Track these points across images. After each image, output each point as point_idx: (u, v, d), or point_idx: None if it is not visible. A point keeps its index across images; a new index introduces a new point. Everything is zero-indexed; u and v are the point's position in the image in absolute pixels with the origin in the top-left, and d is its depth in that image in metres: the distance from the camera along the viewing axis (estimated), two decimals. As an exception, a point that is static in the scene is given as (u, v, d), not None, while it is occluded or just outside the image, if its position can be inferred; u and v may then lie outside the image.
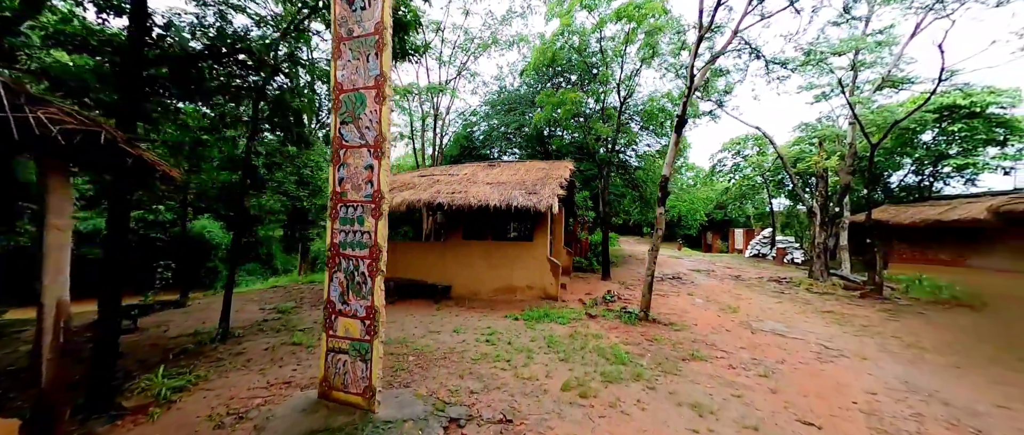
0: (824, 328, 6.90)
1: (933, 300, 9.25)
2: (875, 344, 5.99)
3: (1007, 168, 13.39)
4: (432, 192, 8.02)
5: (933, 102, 13.62)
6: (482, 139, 17.51)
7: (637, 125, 15.34)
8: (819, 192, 11.25)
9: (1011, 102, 12.93)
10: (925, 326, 7.11)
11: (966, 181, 14.63)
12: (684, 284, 11.67)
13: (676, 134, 6.61)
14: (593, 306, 7.71)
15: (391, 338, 5.29)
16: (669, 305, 8.41)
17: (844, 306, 8.91)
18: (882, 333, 6.65)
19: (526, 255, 8.15)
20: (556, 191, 7.65)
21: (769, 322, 7.22)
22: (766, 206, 20.53)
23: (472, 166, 10.20)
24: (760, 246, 19.37)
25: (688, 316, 7.44)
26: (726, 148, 17.87)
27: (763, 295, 10.08)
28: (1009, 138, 13.02)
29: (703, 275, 13.68)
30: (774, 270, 15.47)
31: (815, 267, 11.14)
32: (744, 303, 8.96)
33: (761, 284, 11.85)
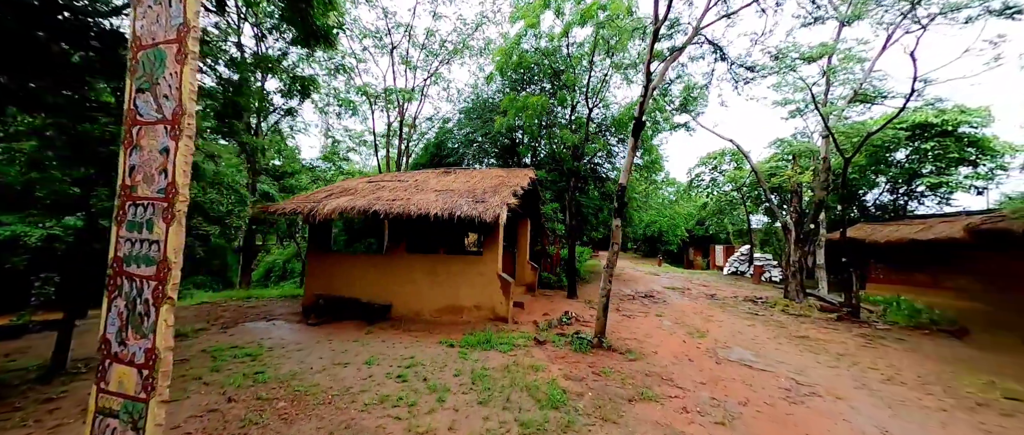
0: (797, 357, 6.21)
1: (912, 325, 8.72)
2: (851, 378, 5.31)
3: (979, 188, 13.26)
4: (370, 199, 7.18)
5: (906, 120, 13.54)
6: (455, 149, 16.82)
7: (615, 138, 14.89)
8: (793, 208, 10.79)
9: (982, 122, 12.88)
10: (904, 356, 6.49)
11: (940, 200, 14.49)
12: (655, 303, 10.97)
13: (633, 139, 5.97)
14: (545, 330, 6.89)
15: (278, 374, 4.35)
16: (632, 328, 7.65)
17: (819, 330, 8.29)
18: (859, 363, 6.00)
19: (473, 271, 7.32)
20: (507, 200, 6.89)
21: (738, 350, 6.51)
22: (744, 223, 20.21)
23: (425, 173, 9.41)
24: (738, 263, 18.94)
25: (650, 342, 6.68)
26: (703, 162, 17.56)
27: (736, 317, 9.43)
28: (980, 158, 12.91)
29: (677, 293, 13.03)
30: (751, 289, 14.94)
31: (790, 287, 10.58)
32: (714, 326, 8.27)
33: (735, 304, 11.23)
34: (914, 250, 11.36)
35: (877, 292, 12.44)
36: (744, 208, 18.71)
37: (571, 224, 10.60)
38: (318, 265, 7.78)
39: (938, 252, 10.82)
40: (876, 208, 16.44)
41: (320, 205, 7.01)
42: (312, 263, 7.83)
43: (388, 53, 14.65)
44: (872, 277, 13.75)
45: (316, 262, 7.82)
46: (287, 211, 7.14)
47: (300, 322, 7.07)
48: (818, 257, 12.66)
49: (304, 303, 7.69)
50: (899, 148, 13.95)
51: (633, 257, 34.03)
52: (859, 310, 9.20)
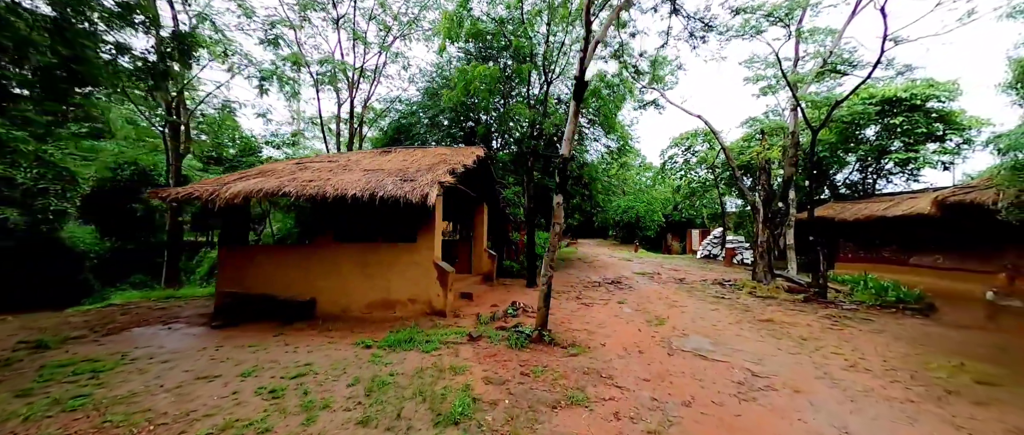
0: (757, 343, 5.67)
1: (879, 304, 8.38)
2: (812, 366, 4.77)
3: (946, 163, 13.10)
4: (282, 181, 6.23)
5: (876, 94, 13.22)
6: (420, 133, 15.74)
7: (584, 120, 14.14)
8: (762, 186, 10.31)
9: (949, 95, 12.65)
10: (870, 338, 6.04)
11: (908, 177, 14.36)
12: (621, 289, 10.42)
13: (575, 102, 5.20)
14: (485, 324, 6.17)
15: (109, 396, 3.47)
16: (587, 318, 7.01)
17: (785, 312, 7.85)
18: (822, 348, 5.50)
19: (406, 260, 6.50)
20: (441, 178, 6.06)
21: (695, 338, 5.93)
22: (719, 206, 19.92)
23: (362, 153, 8.47)
24: (711, 247, 18.68)
25: (600, 333, 6.04)
26: (676, 143, 17.04)
27: (701, 301, 8.93)
28: (948, 133, 12.71)
29: (646, 279, 12.55)
30: (721, 271, 14.62)
31: (758, 268, 10.17)
32: (676, 312, 7.72)
33: (703, 288, 10.78)
34: (882, 227, 11.11)
35: (846, 271, 12.23)
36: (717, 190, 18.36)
37: (529, 207, 9.85)
38: (230, 259, 6.82)
39: (906, 229, 10.58)
40: (846, 187, 16.30)
41: (223, 189, 6.02)
42: (223, 257, 6.86)
43: (334, 26, 13.36)
44: (841, 256, 13.57)
45: (228, 256, 6.85)
46: (180, 197, 6.12)
47: (205, 325, 6.13)
48: (788, 237, 12.32)
49: (216, 303, 6.74)
50: (869, 124, 13.66)
51: (612, 243, 33.78)
52: (826, 290, 8.83)
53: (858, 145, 14.37)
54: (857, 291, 9.45)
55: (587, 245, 33.65)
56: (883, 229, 11.23)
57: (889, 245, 11.72)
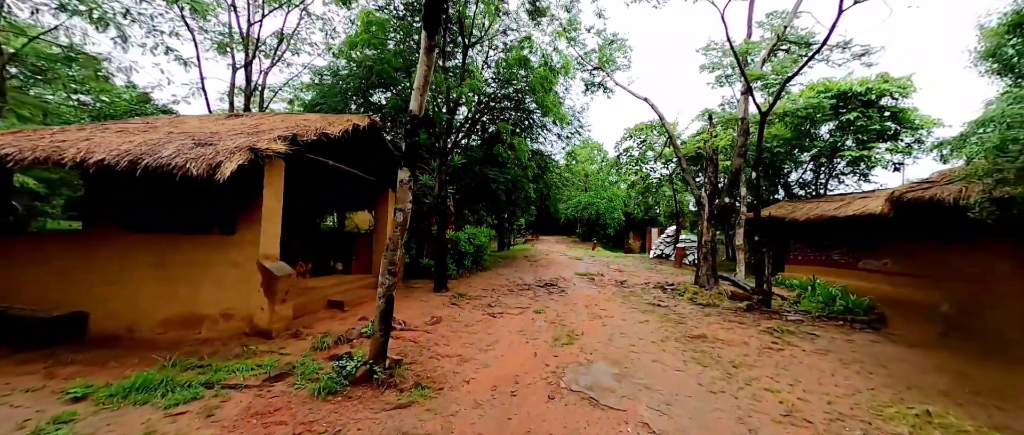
0: (675, 375, 4.34)
1: (826, 314, 7.39)
2: (737, 413, 3.46)
3: (897, 163, 12.58)
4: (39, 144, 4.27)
5: (831, 87, 12.48)
6: (335, 104, 13.54)
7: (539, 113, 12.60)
8: (708, 179, 9.18)
9: (903, 92, 12.07)
10: (814, 363, 4.87)
11: (859, 177, 13.83)
12: (550, 294, 9.02)
13: (427, 38, 3.60)
14: (324, 348, 4.51)
15: None
16: (478, 337, 5.49)
17: (723, 325, 6.67)
18: (755, 380, 4.24)
19: (221, 260, 4.72)
20: (258, 145, 4.30)
21: (599, 366, 4.54)
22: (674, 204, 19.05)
23: (206, 117, 6.54)
24: (664, 246, 17.79)
25: (478, 361, 4.53)
26: (631, 135, 15.89)
27: (633, 310, 7.66)
28: (901, 131, 12.16)
29: (586, 281, 11.26)
30: (669, 273, 13.61)
31: (701, 271, 9.05)
32: (597, 326, 6.36)
33: (643, 292, 9.57)
34: (833, 228, 10.30)
35: (796, 273, 11.44)
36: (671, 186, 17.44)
37: (440, 195, 8.20)
38: (-36, 253, 4.77)
39: (857, 230, 9.78)
40: (800, 187, 15.74)
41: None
42: (-50, 250, 4.79)
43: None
44: (791, 258, 12.84)
45: (-40, 248, 4.80)
46: None
47: None
48: (738, 237, 11.37)
49: (-62, 316, 4.67)
50: (824, 120, 12.96)
51: (573, 241, 32.79)
52: (770, 298, 7.77)
53: (812, 142, 13.70)
54: (804, 298, 8.50)
55: (547, 242, 32.50)
56: (834, 230, 10.45)
57: (839, 247, 10.98)
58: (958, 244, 6.87)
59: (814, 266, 11.55)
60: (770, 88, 7.72)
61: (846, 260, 10.65)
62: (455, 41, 9.05)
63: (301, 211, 9.12)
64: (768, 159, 14.06)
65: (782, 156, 14.30)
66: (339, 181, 7.85)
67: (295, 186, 7.24)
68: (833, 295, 7.80)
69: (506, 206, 16.08)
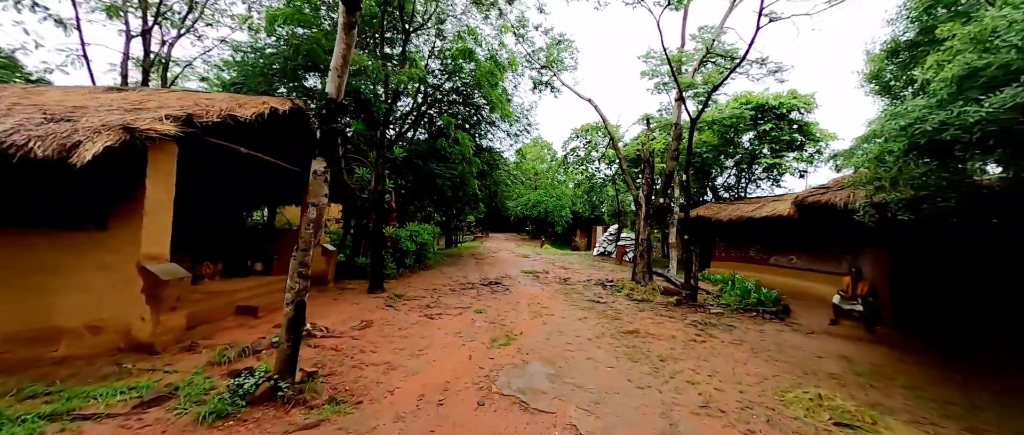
0: (607, 372, 4.41)
1: (742, 307, 8.09)
2: (661, 408, 3.56)
3: (802, 171, 14.22)
4: None
5: (752, 100, 13.77)
6: (256, 86, 12.05)
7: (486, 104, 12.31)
8: (644, 180, 9.64)
9: (807, 108, 13.67)
10: (730, 353, 5.24)
11: (772, 182, 15.44)
12: (494, 293, 8.89)
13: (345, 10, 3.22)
14: (223, 364, 3.92)
15: None
16: (410, 341, 5.17)
17: (655, 319, 7.00)
18: (679, 373, 4.44)
19: (87, 262, 3.91)
20: (135, 124, 3.59)
21: (535, 367, 4.47)
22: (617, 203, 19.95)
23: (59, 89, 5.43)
24: (606, 244, 18.58)
25: (407, 368, 4.23)
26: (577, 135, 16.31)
27: (573, 307, 7.78)
28: (805, 143, 13.76)
29: (531, 279, 11.31)
30: (610, 269, 14.20)
31: (638, 268, 9.48)
32: (536, 325, 6.34)
33: (584, 289, 9.82)
34: (750, 228, 11.36)
35: (720, 269, 12.49)
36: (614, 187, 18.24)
37: (377, 189, 7.67)
38: None
39: (770, 229, 10.88)
40: (725, 190, 17.25)
41: None
42: None
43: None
44: (717, 255, 14.02)
45: None
46: None
47: None
48: (671, 235, 12.11)
49: None
50: (745, 130, 14.28)
51: (523, 238, 33.13)
52: (697, 292, 8.35)
53: (736, 149, 15.04)
54: (725, 292, 9.25)
55: (497, 239, 32.50)
56: (751, 230, 11.57)
57: (755, 245, 12.19)
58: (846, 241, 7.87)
59: (735, 262, 12.70)
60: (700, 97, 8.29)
61: (760, 257, 11.83)
62: (396, 27, 8.50)
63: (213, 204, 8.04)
64: (698, 163, 15.20)
65: (710, 161, 15.54)
66: (262, 172, 7.00)
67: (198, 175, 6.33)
68: (749, 289, 8.58)
69: (453, 203, 15.67)
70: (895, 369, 4.98)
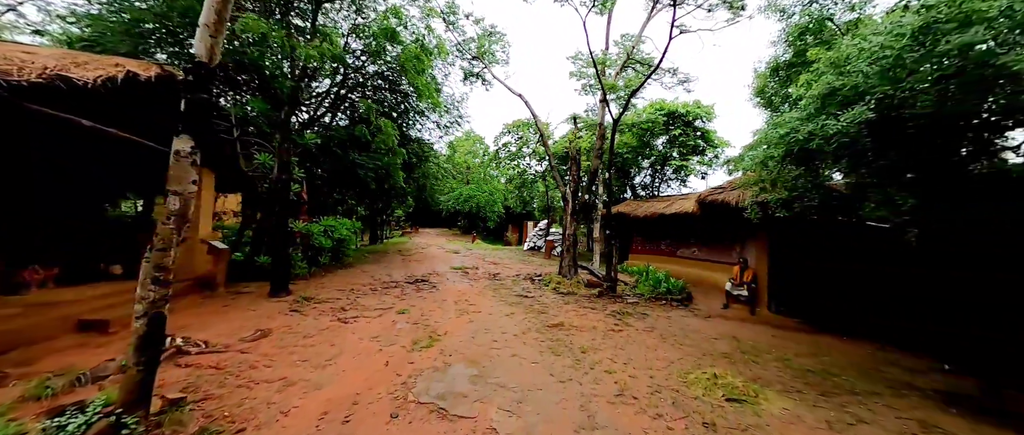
0: (531, 368, 4.39)
1: (655, 296, 8.83)
2: (580, 400, 3.61)
3: (704, 173, 16.03)
4: None
5: (665, 107, 15.09)
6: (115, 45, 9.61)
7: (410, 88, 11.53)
8: (571, 177, 9.98)
9: (708, 116, 15.43)
10: (643, 340, 5.61)
11: (681, 183, 17.18)
12: (419, 291, 8.45)
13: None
14: (28, 402, 3.01)
15: None
16: (316, 349, 4.59)
17: (578, 312, 7.26)
18: (598, 364, 4.60)
19: None
20: None
21: (457, 368, 4.27)
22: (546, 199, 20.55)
23: None
24: (536, 239, 19.07)
25: (304, 384, 3.72)
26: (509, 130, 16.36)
27: (501, 303, 7.73)
28: (706, 147, 15.53)
29: (460, 275, 11.05)
30: (539, 264, 14.57)
31: (564, 262, 9.80)
32: (462, 323, 6.13)
33: (513, 284, 9.87)
34: (662, 223, 12.46)
35: (636, 261, 13.54)
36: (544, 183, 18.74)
37: (279, 178, 6.71)
38: None
39: (677, 225, 12.04)
40: (642, 188, 18.79)
41: None
42: None
43: None
44: (635, 249, 15.20)
45: None
46: None
47: None
48: (595, 230, 12.77)
49: None
50: (659, 134, 15.64)
51: (454, 233, 32.53)
52: (616, 284, 8.90)
53: (651, 151, 16.42)
54: (640, 283, 10.02)
55: (427, 234, 31.46)
56: (662, 225, 12.72)
57: (666, 239, 13.46)
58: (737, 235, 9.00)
59: (650, 255, 13.87)
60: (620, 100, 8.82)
61: (670, 249, 13.07)
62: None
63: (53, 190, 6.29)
64: (620, 163, 16.29)
65: (630, 161, 16.75)
66: (129, 154, 5.64)
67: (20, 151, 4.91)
68: (659, 279, 9.39)
69: (378, 196, 14.62)
70: (770, 345, 5.80)
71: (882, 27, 3.70)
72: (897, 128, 3.80)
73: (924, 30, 3.24)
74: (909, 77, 3.46)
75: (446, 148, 18.94)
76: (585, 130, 11.40)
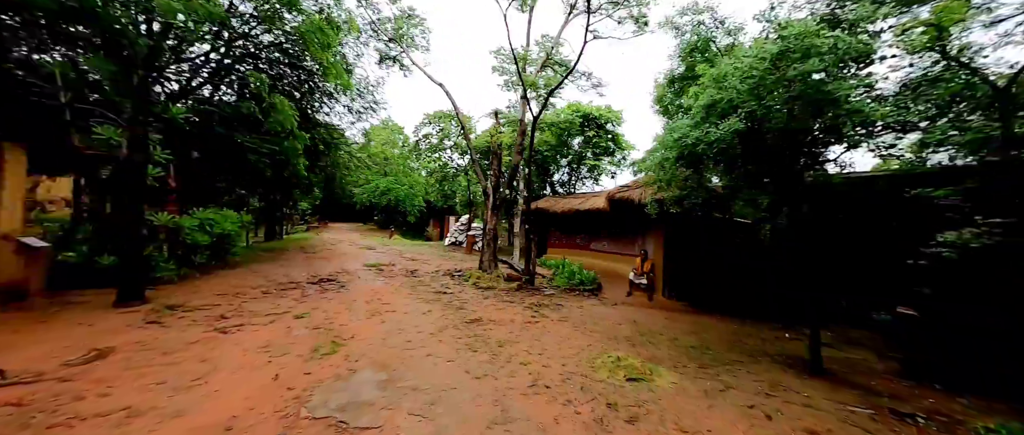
0: (446, 367, 4.23)
1: (569, 287, 9.33)
2: (494, 395, 3.59)
3: (613, 172, 17.50)
4: None
5: (581, 109, 16.04)
6: None
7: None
8: (493, 172, 10.00)
9: (617, 121, 16.86)
10: (557, 330, 5.86)
11: (594, 180, 18.51)
12: (323, 292, 7.63)
13: None
14: None
15: None
16: (167, 372, 3.78)
17: (496, 306, 7.29)
18: (515, 357, 4.64)
19: None
20: None
21: (365, 374, 3.92)
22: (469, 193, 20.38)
23: None
24: (458, 234, 18.83)
25: (157, 412, 3.03)
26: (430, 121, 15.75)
27: (418, 300, 7.39)
28: (616, 150, 16.96)
29: (374, 273, 10.31)
30: (460, 259, 14.40)
31: (485, 257, 9.79)
32: (375, 324, 5.68)
33: (432, 281, 9.54)
34: (577, 218, 13.26)
35: (554, 255, 14.22)
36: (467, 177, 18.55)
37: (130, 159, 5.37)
38: None
39: (590, 220, 12.92)
40: (561, 185, 19.80)
41: None
42: None
43: None
44: (553, 243, 15.95)
45: None
46: None
47: None
48: (516, 225, 13.02)
49: None
50: (576, 135, 16.60)
51: (370, 229, 30.38)
52: (534, 277, 9.18)
53: (568, 150, 17.36)
54: (557, 275, 10.52)
55: (339, 230, 28.82)
56: (578, 220, 13.55)
57: (581, 233, 14.39)
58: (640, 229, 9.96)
59: (566, 248, 14.66)
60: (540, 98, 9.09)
61: (584, 243, 13.96)
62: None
63: None
64: (540, 160, 16.88)
65: (549, 159, 17.48)
66: None
67: None
68: (574, 271, 9.96)
69: (275, 185, 12.83)
70: (664, 327, 6.54)
71: (751, 51, 4.36)
72: (760, 139, 4.53)
73: (779, 57, 3.89)
74: (768, 96, 4.14)
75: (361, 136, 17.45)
76: (507, 126, 11.51)
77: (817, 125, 4.45)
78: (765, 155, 4.74)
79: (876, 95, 4.92)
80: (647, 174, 6.99)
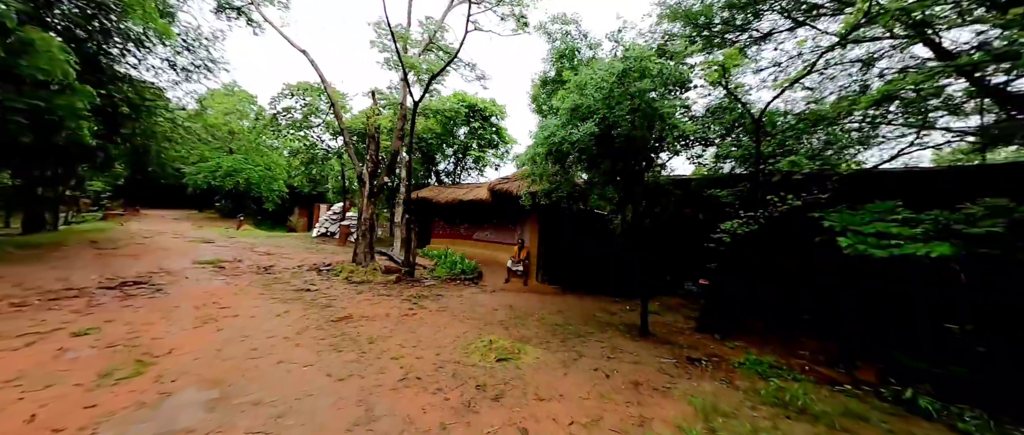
0: (302, 372, 3.76)
1: (451, 277, 9.35)
2: (359, 395, 3.35)
3: (497, 164, 18.14)
4: None
5: (466, 100, 16.07)
6: None
7: None
8: (370, 157, 9.21)
9: (501, 115, 17.50)
10: (435, 320, 5.81)
11: (479, 171, 18.87)
12: (129, 300, 5.86)
13: None
14: None
15: None
16: None
17: (371, 300, 6.82)
18: (386, 352, 4.42)
19: None
20: None
21: (186, 395, 3.18)
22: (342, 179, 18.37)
23: None
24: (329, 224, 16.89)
25: None
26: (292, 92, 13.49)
27: (272, 300, 6.35)
28: (499, 142, 17.60)
29: (211, 271, 8.42)
30: (330, 252, 12.96)
31: (359, 248, 9.01)
32: (206, 333, 4.64)
33: (293, 277, 8.32)
34: (461, 209, 13.32)
35: (437, 245, 14.01)
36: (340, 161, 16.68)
37: None
38: None
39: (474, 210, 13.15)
40: (446, 175, 19.55)
41: None
42: None
43: None
44: (436, 233, 15.69)
45: None
46: None
47: None
48: (396, 215, 12.33)
49: None
50: (461, 125, 16.57)
51: (206, 217, 24.62)
52: (415, 268, 8.89)
53: (454, 140, 17.24)
54: (439, 265, 10.41)
55: (158, 219, 22.46)
56: (462, 210, 13.63)
57: (465, 223, 14.52)
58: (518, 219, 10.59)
59: (450, 238, 14.60)
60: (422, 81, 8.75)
61: (467, 233, 14.15)
62: None
63: None
64: (425, 148, 16.32)
65: (434, 147, 17.06)
66: None
67: None
68: (455, 261, 10.03)
69: (38, 156, 9.17)
70: (535, 309, 7.15)
71: (605, 64, 5.03)
72: (611, 142, 5.28)
73: (623, 74, 4.59)
74: (617, 105, 4.85)
75: (193, 101, 13.82)
76: (387, 108, 10.70)
77: (652, 134, 5.45)
78: (616, 156, 5.57)
79: (690, 115, 6.30)
80: (523, 167, 7.45)
